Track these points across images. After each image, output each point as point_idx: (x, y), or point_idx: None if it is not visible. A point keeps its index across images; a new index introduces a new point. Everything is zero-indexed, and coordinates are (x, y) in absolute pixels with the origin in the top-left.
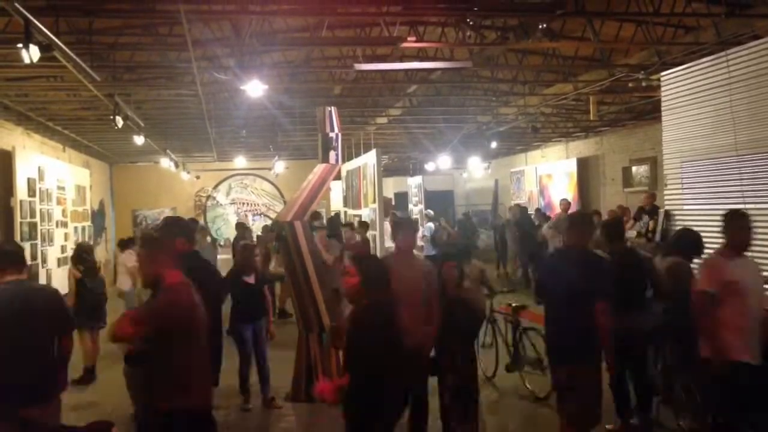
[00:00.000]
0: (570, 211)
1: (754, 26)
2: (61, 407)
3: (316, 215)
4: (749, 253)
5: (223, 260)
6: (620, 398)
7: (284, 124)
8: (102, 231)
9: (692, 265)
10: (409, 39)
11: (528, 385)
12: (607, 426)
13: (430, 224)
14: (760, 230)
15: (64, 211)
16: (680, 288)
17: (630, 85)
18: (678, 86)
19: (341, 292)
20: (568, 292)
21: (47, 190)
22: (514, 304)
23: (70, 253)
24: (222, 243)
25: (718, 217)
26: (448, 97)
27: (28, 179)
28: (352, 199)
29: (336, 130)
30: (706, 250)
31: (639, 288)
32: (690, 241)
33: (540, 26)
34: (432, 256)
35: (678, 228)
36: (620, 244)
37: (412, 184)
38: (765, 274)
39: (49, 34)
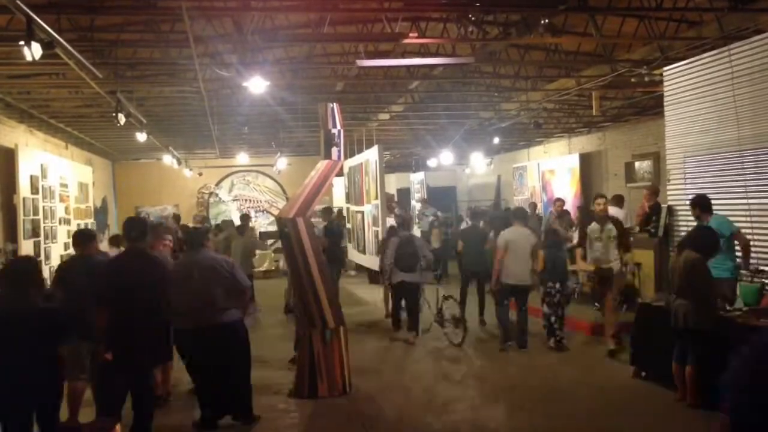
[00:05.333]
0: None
1: (757, 20)
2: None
3: (329, 211)
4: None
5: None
6: None
7: (286, 121)
8: (105, 228)
9: None
10: (411, 35)
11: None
12: None
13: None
14: (762, 225)
15: (66, 208)
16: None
17: (633, 80)
18: (681, 81)
19: None
20: None
21: (50, 187)
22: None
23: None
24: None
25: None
26: (450, 93)
27: (31, 177)
28: (354, 195)
29: (338, 126)
30: None
31: None
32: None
33: (542, 21)
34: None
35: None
36: None
37: (415, 180)
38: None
39: (51, 31)
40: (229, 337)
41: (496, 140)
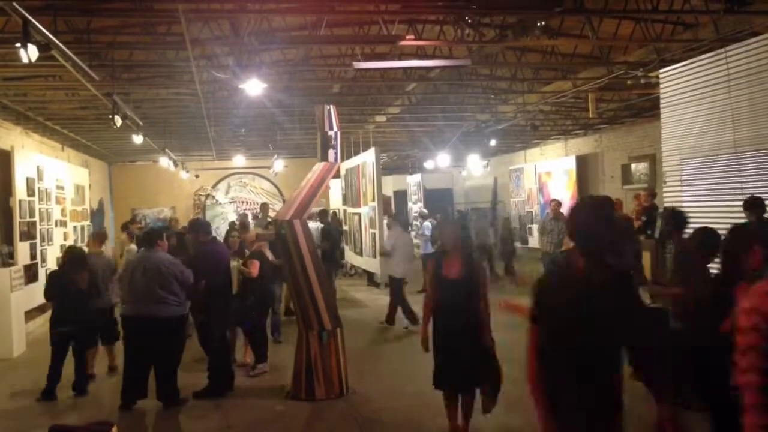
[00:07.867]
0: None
1: (752, 23)
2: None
3: (324, 214)
4: None
5: None
6: None
7: (283, 123)
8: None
9: None
10: (407, 37)
11: None
12: None
13: (428, 223)
14: None
15: (63, 210)
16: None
17: (629, 82)
18: (677, 83)
19: None
20: None
21: (46, 189)
22: None
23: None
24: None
25: (717, 215)
26: (447, 95)
27: (27, 179)
28: (351, 197)
29: (335, 128)
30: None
31: None
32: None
33: (538, 24)
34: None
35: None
36: None
37: (412, 182)
38: None
39: (47, 33)
40: (164, 329)
41: (493, 142)
